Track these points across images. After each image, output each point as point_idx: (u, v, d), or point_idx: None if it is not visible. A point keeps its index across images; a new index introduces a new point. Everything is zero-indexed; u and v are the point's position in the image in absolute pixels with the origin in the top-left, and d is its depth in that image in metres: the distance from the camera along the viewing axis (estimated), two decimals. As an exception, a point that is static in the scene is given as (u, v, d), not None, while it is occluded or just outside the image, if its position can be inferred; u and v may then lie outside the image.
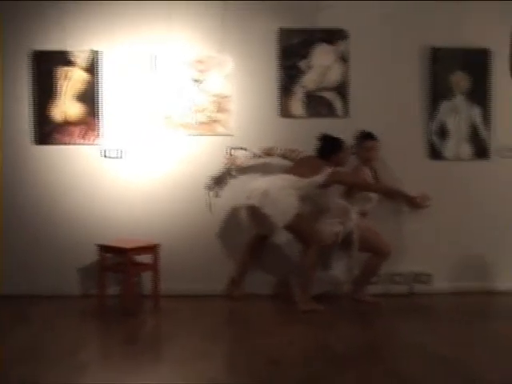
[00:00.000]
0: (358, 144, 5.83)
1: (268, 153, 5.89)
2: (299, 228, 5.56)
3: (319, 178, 5.53)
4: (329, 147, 5.70)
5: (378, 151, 5.82)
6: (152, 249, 5.69)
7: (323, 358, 4.38)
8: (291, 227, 5.53)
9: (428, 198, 5.80)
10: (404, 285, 6.13)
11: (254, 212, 5.49)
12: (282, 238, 5.91)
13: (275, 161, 5.91)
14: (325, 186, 5.58)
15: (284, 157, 5.88)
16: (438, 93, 6.06)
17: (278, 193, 5.43)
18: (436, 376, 4.04)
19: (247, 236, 5.82)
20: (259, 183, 5.56)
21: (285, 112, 6.00)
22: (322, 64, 6.02)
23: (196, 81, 5.98)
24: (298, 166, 5.69)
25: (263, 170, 5.92)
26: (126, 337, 4.88)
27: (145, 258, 5.72)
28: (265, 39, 5.99)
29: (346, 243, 5.68)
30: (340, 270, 5.84)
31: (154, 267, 5.70)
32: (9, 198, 5.99)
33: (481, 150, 6.12)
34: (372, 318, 5.41)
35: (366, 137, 5.82)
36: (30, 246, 6.00)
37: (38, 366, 4.17)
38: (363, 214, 5.75)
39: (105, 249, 5.66)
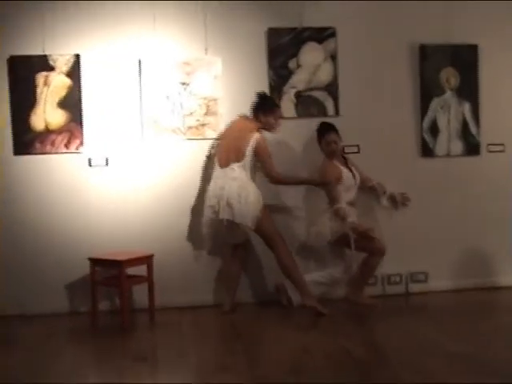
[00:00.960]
0: (319, 137, 5.70)
1: None
2: (262, 229, 5.43)
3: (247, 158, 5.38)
4: (259, 103, 5.55)
5: (339, 144, 5.67)
6: (146, 260, 5.45)
7: (346, 363, 4.25)
8: (257, 230, 5.42)
9: (408, 198, 5.83)
10: (400, 284, 6.06)
11: (226, 224, 5.35)
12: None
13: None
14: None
15: None
16: (428, 90, 6.01)
17: (239, 199, 5.30)
18: (458, 373, 3.97)
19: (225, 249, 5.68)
20: (216, 192, 5.38)
21: (276, 113, 5.85)
22: (311, 63, 5.89)
23: (183, 84, 5.77)
24: (226, 148, 5.48)
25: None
26: (133, 354, 4.62)
27: (137, 271, 5.47)
28: (253, 40, 5.83)
29: (342, 242, 5.55)
30: (338, 270, 5.71)
31: (148, 279, 5.47)
32: (-12, 213, 5.66)
33: (471, 146, 6.11)
34: (379, 320, 5.30)
35: (326, 129, 5.66)
36: (12, 263, 5.66)
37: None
38: (351, 204, 5.65)
39: (97, 262, 5.39)
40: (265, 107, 5.53)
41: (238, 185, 5.32)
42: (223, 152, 5.49)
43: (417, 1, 5.96)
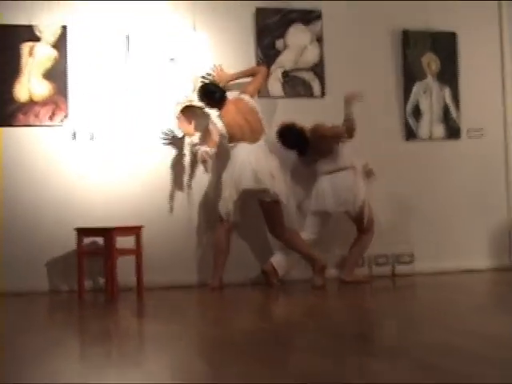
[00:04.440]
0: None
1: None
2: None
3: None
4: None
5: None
6: (135, 230, 5.27)
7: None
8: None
9: (372, 172, 5.74)
10: (387, 266, 6.04)
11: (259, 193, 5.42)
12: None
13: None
14: None
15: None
16: (410, 74, 6.16)
17: (276, 171, 5.45)
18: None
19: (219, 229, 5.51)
20: (261, 164, 5.39)
21: (263, 92, 5.85)
22: (298, 44, 5.97)
23: (171, 59, 5.73)
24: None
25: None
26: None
27: (125, 243, 5.28)
28: (241, 19, 5.87)
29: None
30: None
31: (137, 251, 5.28)
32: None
33: (452, 130, 6.24)
34: (386, 297, 5.24)
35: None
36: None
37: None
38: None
39: (84, 232, 5.19)
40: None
41: (271, 158, 5.49)
42: (245, 129, 5.47)
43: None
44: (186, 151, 5.72)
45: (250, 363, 2.91)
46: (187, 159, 5.73)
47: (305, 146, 5.58)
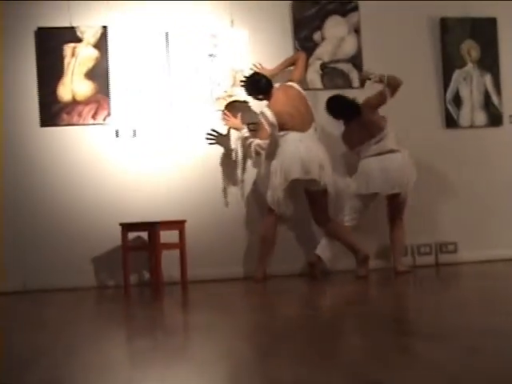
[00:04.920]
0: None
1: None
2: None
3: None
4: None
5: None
6: (179, 225, 5.35)
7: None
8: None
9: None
10: (430, 255, 6.01)
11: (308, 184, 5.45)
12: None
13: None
14: None
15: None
16: (449, 62, 6.11)
17: (325, 161, 5.46)
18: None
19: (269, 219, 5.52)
20: (311, 154, 5.39)
21: (302, 85, 5.86)
22: (335, 35, 5.98)
23: (210, 55, 5.80)
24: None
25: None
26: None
27: (169, 238, 5.36)
28: (278, 12, 5.91)
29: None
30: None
31: (181, 245, 5.36)
32: (14, 186, 5.52)
33: (494, 117, 6.18)
34: (430, 285, 5.23)
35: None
36: (37, 236, 5.53)
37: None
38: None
39: (129, 227, 5.29)
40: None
41: (321, 148, 5.49)
42: (295, 117, 5.47)
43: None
44: (234, 145, 5.75)
45: (297, 348, 2.95)
46: (236, 153, 5.75)
47: (354, 111, 5.52)
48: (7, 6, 5.58)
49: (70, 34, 5.63)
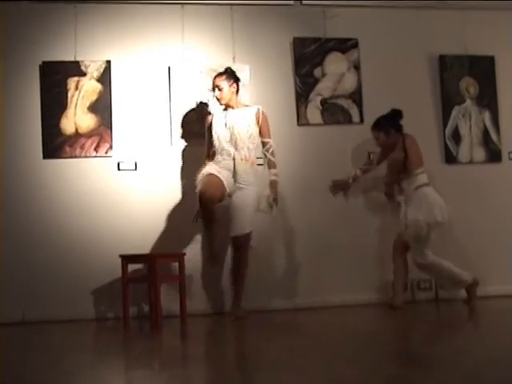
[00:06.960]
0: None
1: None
2: None
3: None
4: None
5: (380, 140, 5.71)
6: (178, 257, 5.36)
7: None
8: None
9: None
10: (430, 291, 6.01)
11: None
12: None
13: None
14: None
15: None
16: (448, 98, 6.20)
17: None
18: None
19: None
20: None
21: (302, 120, 5.95)
22: (335, 72, 6.07)
23: (211, 90, 5.87)
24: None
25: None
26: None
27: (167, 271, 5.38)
28: (279, 49, 6.02)
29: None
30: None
31: (180, 277, 5.36)
32: (15, 216, 5.55)
33: (493, 153, 6.23)
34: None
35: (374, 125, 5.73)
36: (37, 267, 5.53)
37: None
38: None
39: (128, 259, 5.29)
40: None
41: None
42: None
43: (435, 11, 6.22)
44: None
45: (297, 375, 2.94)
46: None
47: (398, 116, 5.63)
48: (13, 40, 5.68)
49: (75, 68, 5.72)
